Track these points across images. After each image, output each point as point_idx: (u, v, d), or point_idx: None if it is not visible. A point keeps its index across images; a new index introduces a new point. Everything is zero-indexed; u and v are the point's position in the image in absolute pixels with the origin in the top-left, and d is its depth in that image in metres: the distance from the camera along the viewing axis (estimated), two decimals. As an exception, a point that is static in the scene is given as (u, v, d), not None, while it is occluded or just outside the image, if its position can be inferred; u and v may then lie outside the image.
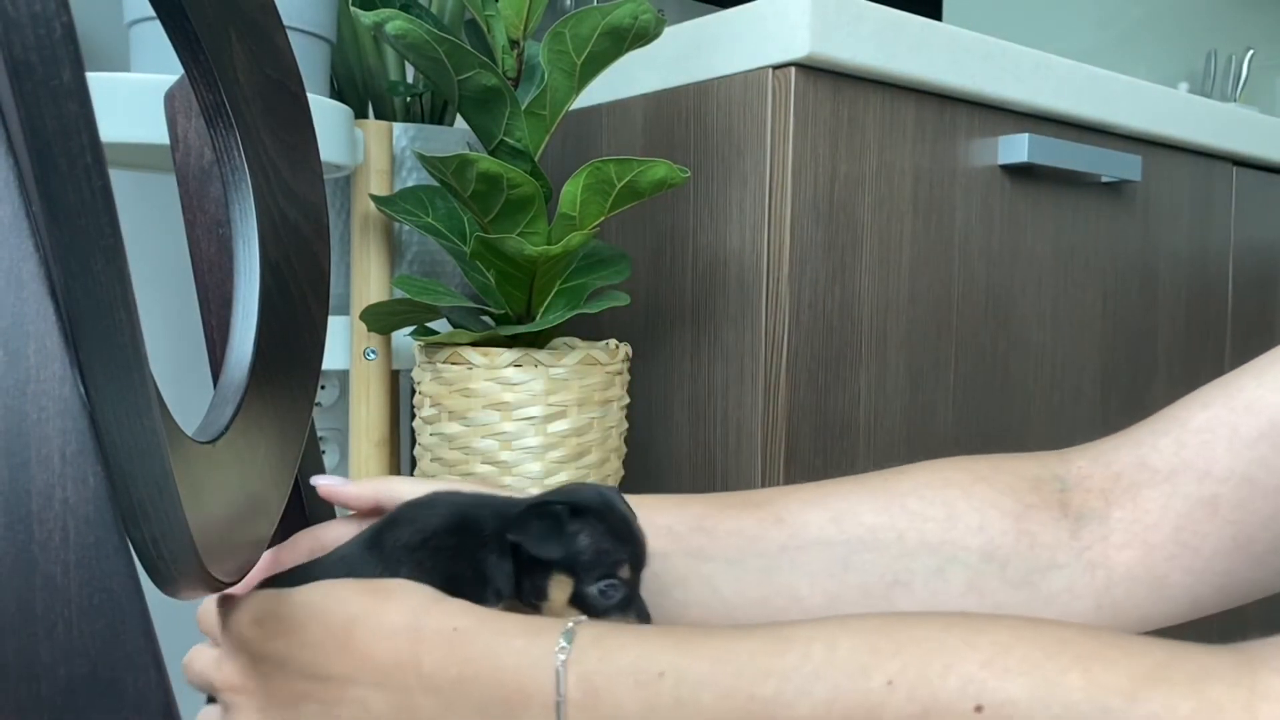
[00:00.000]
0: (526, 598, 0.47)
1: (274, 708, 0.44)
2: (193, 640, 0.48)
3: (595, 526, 0.47)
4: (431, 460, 0.82)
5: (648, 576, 0.51)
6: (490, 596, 0.47)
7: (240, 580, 0.38)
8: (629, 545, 0.47)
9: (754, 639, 0.37)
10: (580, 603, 0.46)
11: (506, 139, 0.79)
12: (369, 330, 0.90)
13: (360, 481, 0.54)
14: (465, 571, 0.47)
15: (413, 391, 0.86)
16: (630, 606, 0.47)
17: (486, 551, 0.47)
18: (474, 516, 0.48)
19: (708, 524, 0.53)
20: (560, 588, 0.47)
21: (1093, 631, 0.34)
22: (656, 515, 0.53)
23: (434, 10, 0.99)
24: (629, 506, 0.49)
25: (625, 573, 0.47)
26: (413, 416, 0.86)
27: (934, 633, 0.34)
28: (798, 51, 0.82)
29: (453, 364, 0.80)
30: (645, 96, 0.96)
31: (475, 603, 0.45)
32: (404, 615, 0.42)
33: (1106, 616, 0.50)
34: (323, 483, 0.54)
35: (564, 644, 0.39)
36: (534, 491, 0.76)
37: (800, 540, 0.52)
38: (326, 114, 0.84)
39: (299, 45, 0.86)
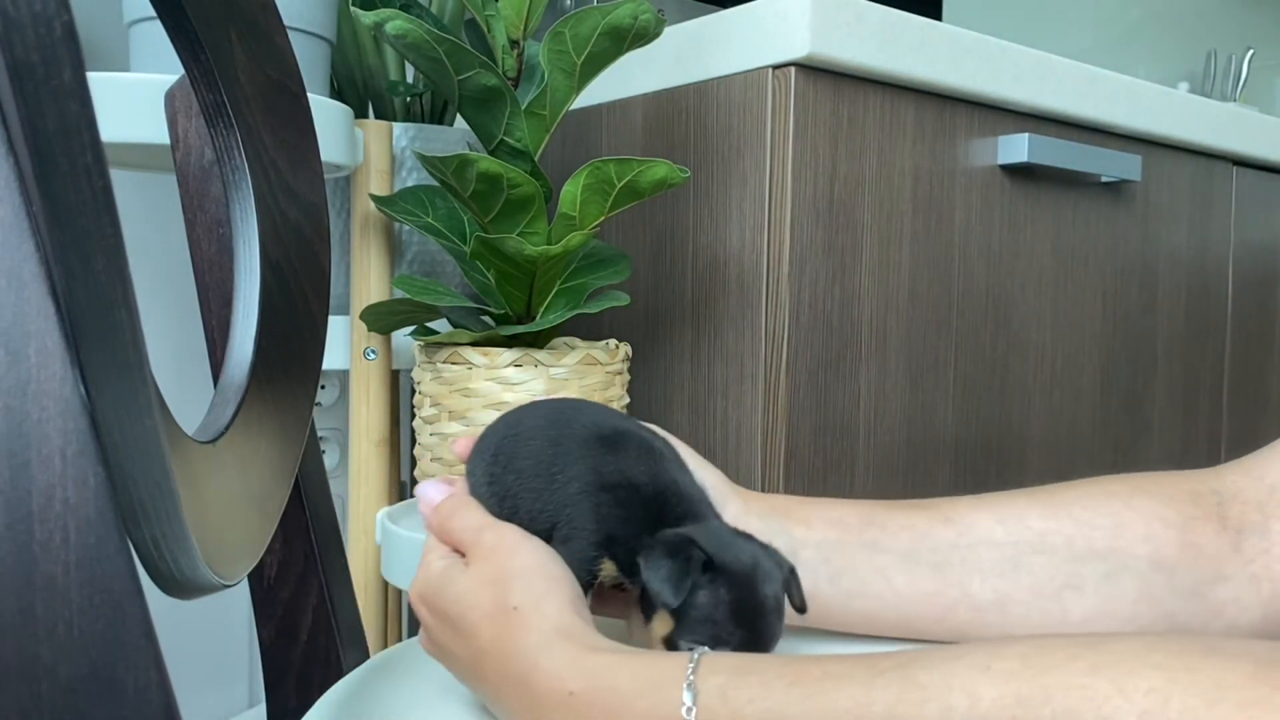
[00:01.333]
0: (643, 606, 0.45)
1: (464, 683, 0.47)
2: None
3: (719, 594, 0.43)
4: (432, 460, 0.82)
5: (817, 563, 0.52)
6: (627, 583, 0.46)
7: (238, 583, 0.38)
8: (743, 631, 0.43)
9: (889, 686, 0.35)
10: (672, 647, 0.43)
11: (506, 139, 0.79)
12: (369, 330, 0.90)
13: None
14: (626, 542, 0.45)
15: (413, 391, 0.86)
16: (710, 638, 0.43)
17: (644, 545, 0.45)
18: (662, 502, 0.46)
19: (879, 519, 0.54)
20: (662, 624, 0.44)
21: (1256, 667, 0.31)
22: (826, 510, 0.54)
23: (434, 10, 0.99)
24: (792, 585, 0.45)
25: (728, 645, 0.43)
26: (413, 416, 0.86)
27: (1083, 678, 0.32)
28: (798, 51, 0.82)
29: (453, 364, 0.80)
30: (645, 96, 0.96)
31: (624, 570, 0.45)
32: (519, 665, 0.41)
33: (1275, 629, 0.50)
34: None
35: (689, 703, 0.37)
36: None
37: (969, 539, 0.53)
38: (327, 114, 0.84)
39: (299, 45, 0.86)
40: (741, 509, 0.53)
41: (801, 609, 0.46)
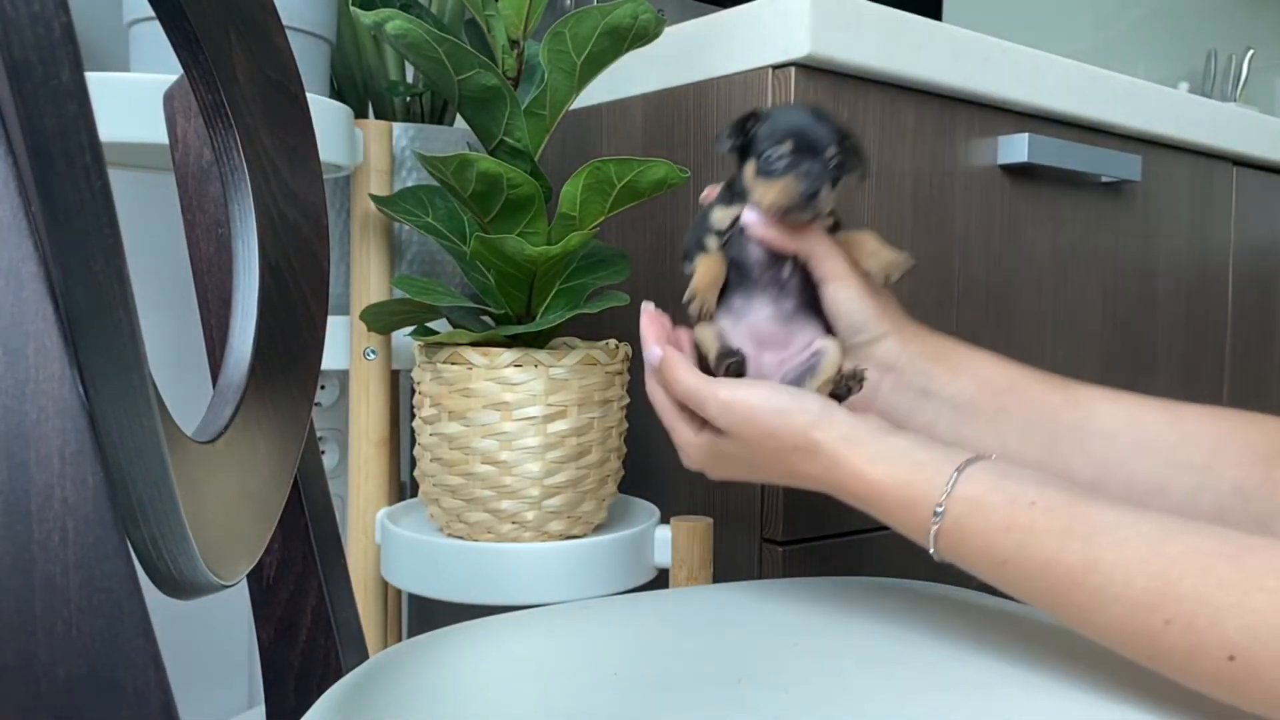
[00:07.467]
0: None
1: None
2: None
3: (768, 121, 0.60)
4: (431, 460, 0.82)
5: (944, 410, 0.61)
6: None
7: (237, 583, 0.38)
8: (793, 128, 0.59)
9: (1074, 554, 0.46)
10: (759, 170, 0.60)
11: (506, 139, 0.79)
12: (369, 330, 0.90)
13: None
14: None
15: (413, 391, 0.86)
16: (798, 169, 0.58)
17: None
18: None
19: (1018, 387, 0.61)
20: (748, 165, 0.61)
21: None
22: (978, 364, 0.63)
23: (434, 10, 0.99)
24: (829, 117, 0.60)
25: (787, 146, 0.58)
26: (413, 416, 0.86)
27: (1210, 590, 0.42)
28: (797, 51, 0.82)
29: (453, 364, 0.80)
30: (645, 96, 0.96)
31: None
32: (815, 480, 0.56)
33: None
34: None
35: (934, 525, 0.50)
36: (534, 491, 0.78)
37: (1090, 426, 0.60)
38: (326, 114, 0.84)
39: (299, 45, 0.86)
40: (898, 345, 0.62)
41: (864, 173, 0.63)
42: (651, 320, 0.63)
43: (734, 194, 0.63)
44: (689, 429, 0.61)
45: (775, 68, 0.84)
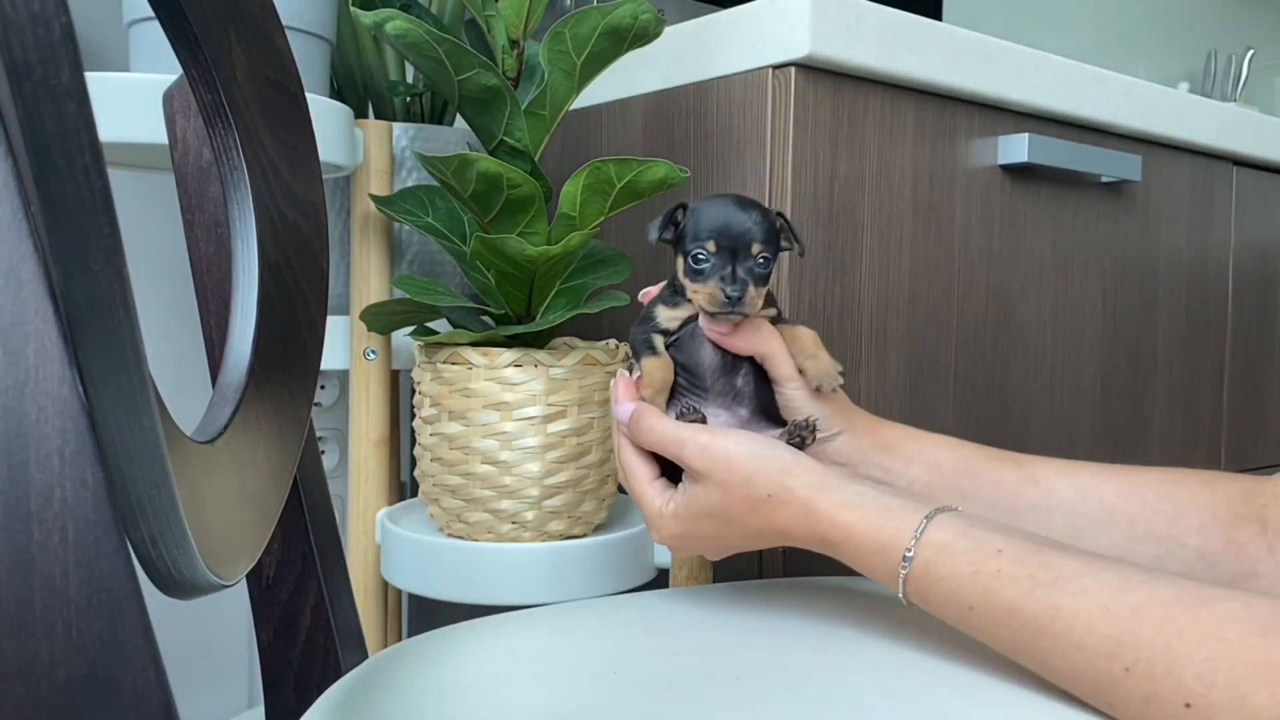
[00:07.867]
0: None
1: None
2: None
3: (693, 216, 0.60)
4: (432, 460, 0.82)
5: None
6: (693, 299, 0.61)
7: (237, 583, 0.38)
8: (716, 227, 0.58)
9: (1038, 600, 0.46)
10: (686, 270, 0.60)
11: (506, 139, 0.79)
12: (369, 330, 0.90)
13: None
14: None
15: (413, 391, 0.86)
16: (720, 274, 0.58)
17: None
18: None
19: (973, 469, 0.62)
20: (679, 260, 0.60)
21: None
22: (931, 450, 0.64)
23: (434, 10, 0.99)
24: (757, 205, 0.60)
25: (711, 246, 0.58)
26: (413, 416, 0.86)
27: (1168, 639, 0.42)
28: (797, 51, 0.82)
29: (453, 364, 0.80)
30: (645, 96, 0.96)
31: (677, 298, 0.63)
32: (784, 531, 0.56)
33: None
34: None
35: (904, 570, 0.50)
36: (534, 491, 0.78)
37: (1048, 503, 0.61)
38: (326, 114, 0.84)
39: (298, 45, 0.86)
40: (850, 440, 0.63)
41: (801, 251, 0.62)
42: (627, 384, 0.63)
43: (675, 290, 0.62)
44: (660, 498, 0.60)
45: (775, 68, 0.84)
